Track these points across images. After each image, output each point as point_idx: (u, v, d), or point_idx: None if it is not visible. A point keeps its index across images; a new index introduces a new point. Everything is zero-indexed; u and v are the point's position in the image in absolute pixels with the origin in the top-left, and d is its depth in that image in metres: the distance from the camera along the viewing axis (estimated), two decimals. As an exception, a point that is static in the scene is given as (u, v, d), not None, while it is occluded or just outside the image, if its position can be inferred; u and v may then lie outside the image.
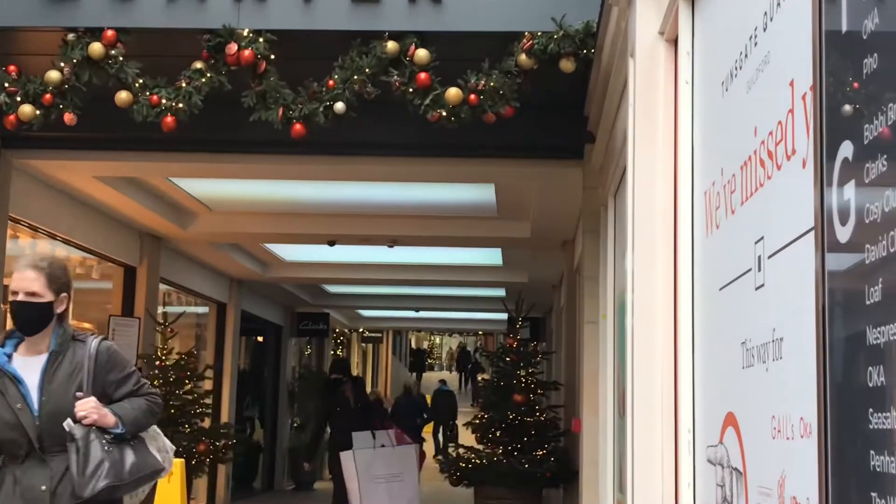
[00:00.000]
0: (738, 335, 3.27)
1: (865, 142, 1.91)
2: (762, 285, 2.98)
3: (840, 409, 2.03)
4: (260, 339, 20.87)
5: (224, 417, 16.28)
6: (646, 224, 4.66)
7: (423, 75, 7.02)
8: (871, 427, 1.84)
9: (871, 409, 1.84)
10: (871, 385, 1.83)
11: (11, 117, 7.34)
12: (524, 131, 7.97)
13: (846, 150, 2.01)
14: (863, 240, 1.90)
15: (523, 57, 6.99)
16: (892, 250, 1.76)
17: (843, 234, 2.02)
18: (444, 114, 7.06)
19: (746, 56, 3.26)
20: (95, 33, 7.20)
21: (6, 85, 7.31)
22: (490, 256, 16.25)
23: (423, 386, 36.14)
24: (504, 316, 14.03)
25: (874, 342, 1.82)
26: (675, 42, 4.52)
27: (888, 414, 1.77)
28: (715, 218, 3.73)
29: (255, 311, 18.93)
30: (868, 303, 1.85)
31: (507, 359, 12.52)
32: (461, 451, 12.14)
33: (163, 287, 14.06)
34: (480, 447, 12.13)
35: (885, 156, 1.83)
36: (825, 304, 2.10)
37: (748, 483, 3.13)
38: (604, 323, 8.25)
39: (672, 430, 4.32)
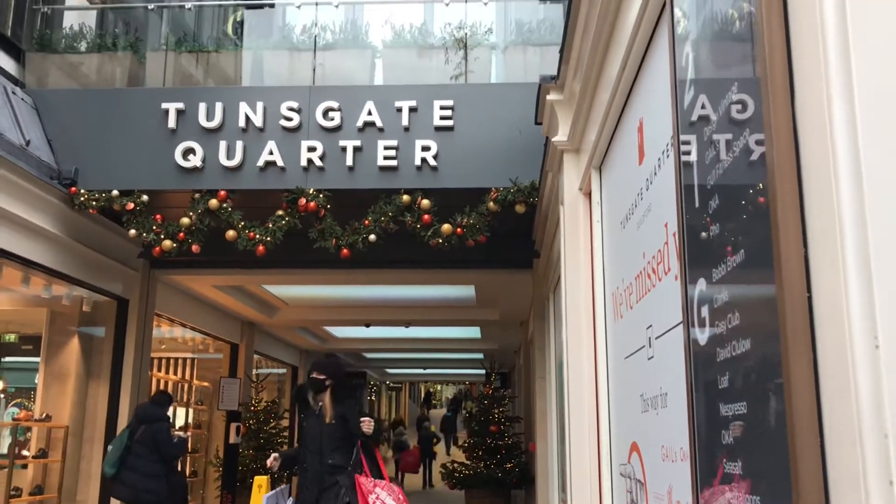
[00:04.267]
0: (638, 389, 3.24)
1: (711, 263, 1.93)
2: (652, 357, 2.97)
3: (701, 441, 2.01)
4: (320, 390, 20.56)
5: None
6: (574, 313, 4.66)
7: (426, 216, 7.07)
8: (722, 450, 1.82)
9: (724, 458, 1.82)
10: (724, 442, 1.81)
11: (157, 249, 7.36)
12: (493, 251, 8.00)
13: (701, 266, 2.03)
14: (713, 324, 1.91)
15: (491, 204, 7.06)
16: (732, 332, 1.76)
17: (701, 321, 2.02)
18: (441, 241, 7.09)
19: (636, 206, 3.29)
20: (213, 193, 7.28)
21: (154, 227, 7.35)
22: (472, 332, 16.14)
23: (431, 416, 35.33)
24: (482, 371, 13.86)
25: (722, 387, 1.81)
26: (589, 195, 4.57)
27: (734, 463, 1.75)
28: (620, 310, 3.72)
29: (317, 371, 18.75)
30: (720, 387, 1.84)
31: (485, 402, 12.36)
32: (455, 465, 11.86)
33: (256, 356, 13.93)
34: (469, 462, 11.90)
35: (724, 272, 1.84)
36: (692, 370, 2.09)
37: (648, 491, 3.08)
38: (548, 378, 8.18)
39: (596, 453, 4.26)
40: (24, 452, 8.50)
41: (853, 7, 1.38)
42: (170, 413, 8.07)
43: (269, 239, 7.16)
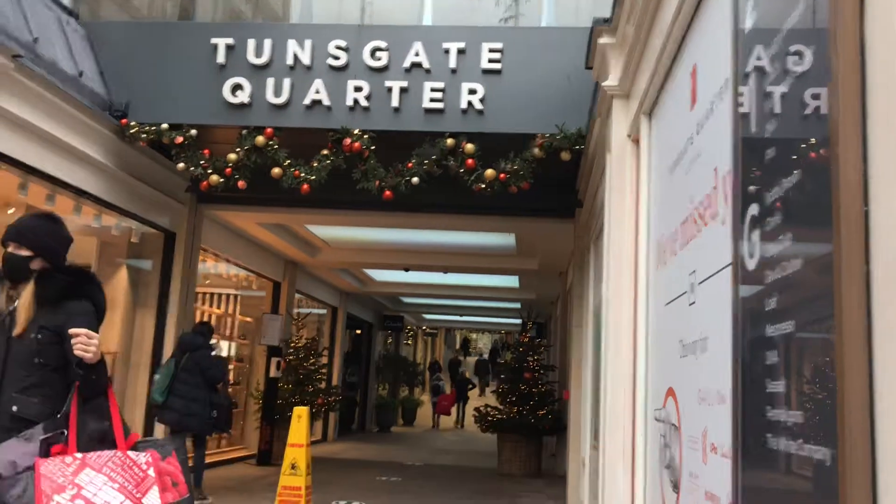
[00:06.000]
0: (677, 335, 3.23)
1: (765, 206, 1.90)
2: (694, 303, 2.95)
3: (747, 381, 2.01)
4: (358, 331, 20.85)
5: (334, 382, 16.28)
6: (616, 261, 4.63)
7: (470, 161, 7.05)
8: (767, 390, 1.82)
9: (767, 378, 1.82)
10: (768, 363, 1.81)
11: (204, 183, 7.46)
12: (536, 199, 7.96)
13: (753, 211, 2.00)
14: (763, 267, 1.89)
15: (536, 150, 7.00)
16: (783, 275, 1.74)
17: (751, 264, 2.00)
18: (484, 186, 7.07)
19: (686, 151, 3.24)
20: (260, 130, 7.32)
21: (202, 162, 7.44)
22: (511, 281, 16.17)
23: (466, 362, 35.91)
24: (519, 321, 13.95)
25: (770, 335, 1.80)
26: (637, 142, 4.50)
27: (778, 381, 1.75)
28: (663, 258, 3.70)
29: (355, 312, 18.96)
30: (767, 309, 1.83)
31: (521, 349, 12.44)
32: (489, 409, 12.00)
33: (297, 295, 14.15)
34: (502, 407, 12.03)
35: (777, 216, 1.82)
36: (740, 309, 2.08)
37: (682, 434, 3.09)
38: (585, 327, 8.18)
39: (631, 398, 4.27)
40: (75, 376, 8.82)
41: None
42: (213, 342, 8.34)
43: (313, 178, 7.20)
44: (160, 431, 8.49)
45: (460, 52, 7.16)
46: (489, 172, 7.01)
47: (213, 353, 8.25)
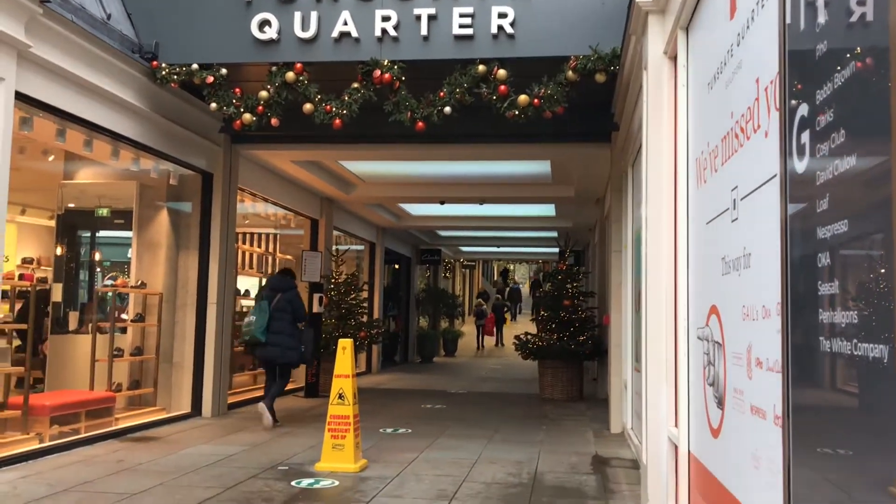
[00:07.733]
0: (719, 253, 3.19)
1: (812, 115, 1.84)
2: (736, 219, 2.91)
3: (797, 287, 1.97)
4: (397, 266, 20.94)
5: (376, 315, 16.48)
6: (656, 181, 4.56)
7: (502, 87, 6.93)
8: (819, 294, 1.79)
9: (819, 282, 1.78)
10: (820, 266, 1.77)
11: (237, 122, 7.47)
12: (571, 123, 7.84)
13: (799, 120, 1.94)
14: (812, 177, 1.84)
15: (570, 73, 6.85)
16: (836, 174, 1.69)
17: (798, 175, 1.95)
18: (517, 113, 6.96)
19: (725, 64, 3.14)
20: (290, 66, 7.27)
21: (234, 101, 7.42)
22: (547, 209, 16.02)
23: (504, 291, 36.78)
24: (556, 249, 13.91)
25: (822, 237, 1.76)
26: (674, 59, 4.38)
27: (831, 283, 1.71)
28: (703, 175, 3.63)
29: (393, 247, 19.03)
30: (818, 210, 1.78)
31: (559, 277, 12.42)
32: (529, 337, 12.07)
33: (335, 232, 14.23)
34: (542, 335, 12.09)
35: (825, 124, 1.76)
36: (786, 215, 2.03)
37: (726, 351, 3.08)
38: (624, 252, 8.14)
39: (672, 319, 4.26)
40: (123, 316, 9.05)
41: None
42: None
43: (345, 112, 7.16)
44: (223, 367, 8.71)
45: (488, -26, 6.97)
46: (522, 98, 6.89)
47: None
